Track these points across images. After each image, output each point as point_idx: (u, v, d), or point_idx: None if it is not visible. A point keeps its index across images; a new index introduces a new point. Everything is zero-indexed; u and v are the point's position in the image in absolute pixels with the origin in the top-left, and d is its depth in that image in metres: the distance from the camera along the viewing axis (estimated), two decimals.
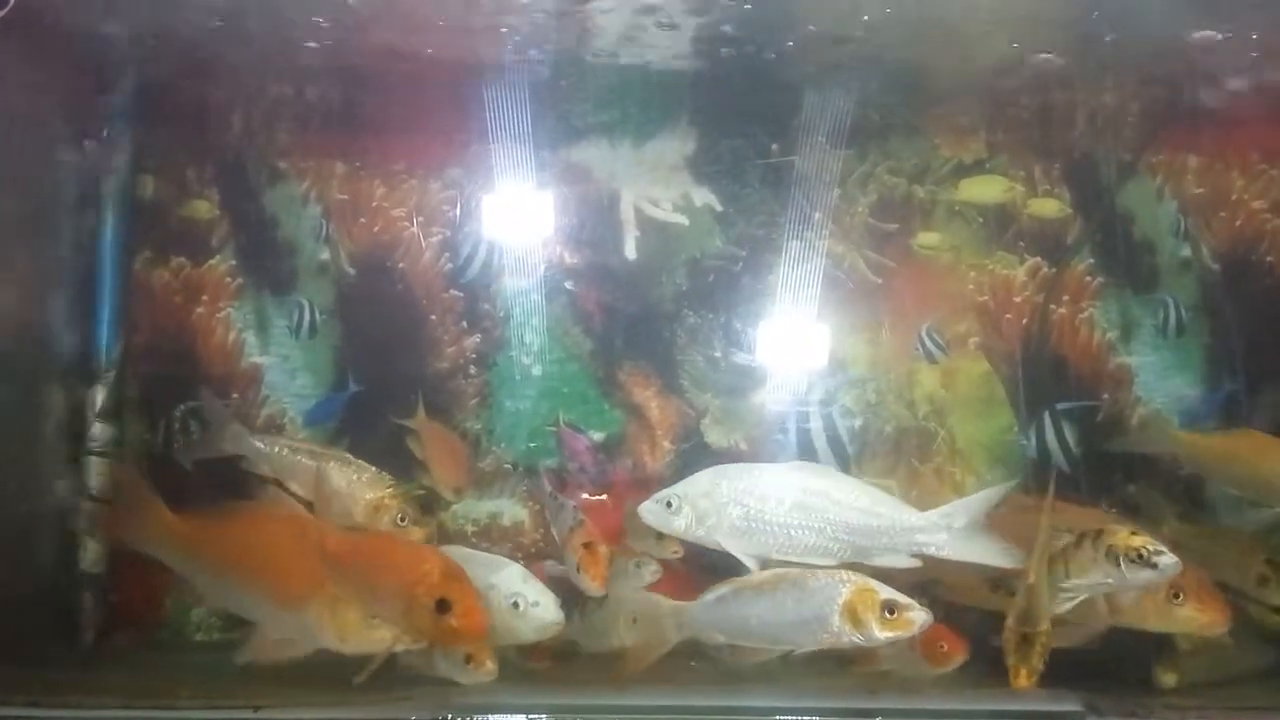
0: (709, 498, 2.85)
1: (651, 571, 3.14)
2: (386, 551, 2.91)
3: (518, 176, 3.65)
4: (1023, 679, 2.61)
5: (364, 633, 2.79)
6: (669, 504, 2.86)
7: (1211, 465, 3.34)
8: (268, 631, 2.98)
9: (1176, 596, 2.85)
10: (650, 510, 2.89)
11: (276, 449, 3.40)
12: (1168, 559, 2.67)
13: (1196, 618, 2.87)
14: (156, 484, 3.20)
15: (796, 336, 3.76)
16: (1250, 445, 3.31)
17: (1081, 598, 2.77)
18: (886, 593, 2.68)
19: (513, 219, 3.80)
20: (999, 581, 2.94)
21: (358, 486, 3.24)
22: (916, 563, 2.81)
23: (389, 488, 3.24)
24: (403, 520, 3.18)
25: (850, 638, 2.67)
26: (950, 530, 2.78)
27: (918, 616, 2.65)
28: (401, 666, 2.91)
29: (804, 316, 3.71)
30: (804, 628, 2.72)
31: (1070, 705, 2.65)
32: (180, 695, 2.84)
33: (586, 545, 3.10)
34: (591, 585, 3.03)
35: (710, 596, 2.85)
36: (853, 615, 2.66)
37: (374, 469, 3.29)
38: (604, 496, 3.70)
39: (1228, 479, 3.29)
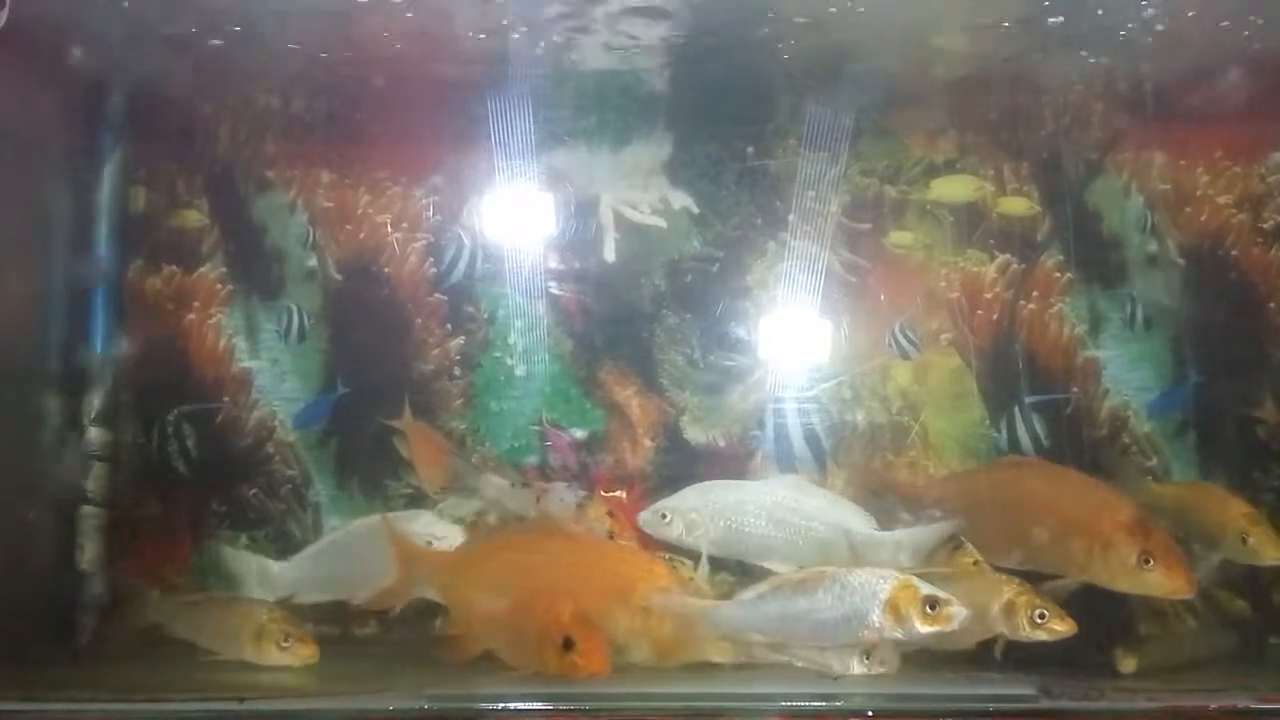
0: (697, 511, 3.11)
1: None
2: (528, 594, 2.93)
3: (499, 182, 3.72)
4: None
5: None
6: (663, 516, 3.15)
7: (1167, 513, 3.33)
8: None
9: (1147, 561, 2.89)
10: (646, 519, 3.16)
11: None
12: (1059, 626, 2.82)
13: (1164, 583, 2.90)
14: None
15: (772, 335, 3.84)
16: (1196, 495, 3.41)
17: None
18: (927, 588, 2.69)
19: (494, 224, 3.88)
20: None
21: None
22: None
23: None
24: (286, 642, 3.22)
25: (891, 633, 2.68)
26: (899, 551, 2.94)
27: (957, 612, 2.66)
28: None
29: (779, 316, 3.81)
30: (844, 625, 2.72)
31: (1025, 689, 2.69)
32: (171, 690, 2.92)
33: (611, 514, 3.21)
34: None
35: (748, 595, 2.84)
36: (895, 611, 2.67)
37: None
38: (622, 493, 3.78)
39: (1180, 526, 3.28)
